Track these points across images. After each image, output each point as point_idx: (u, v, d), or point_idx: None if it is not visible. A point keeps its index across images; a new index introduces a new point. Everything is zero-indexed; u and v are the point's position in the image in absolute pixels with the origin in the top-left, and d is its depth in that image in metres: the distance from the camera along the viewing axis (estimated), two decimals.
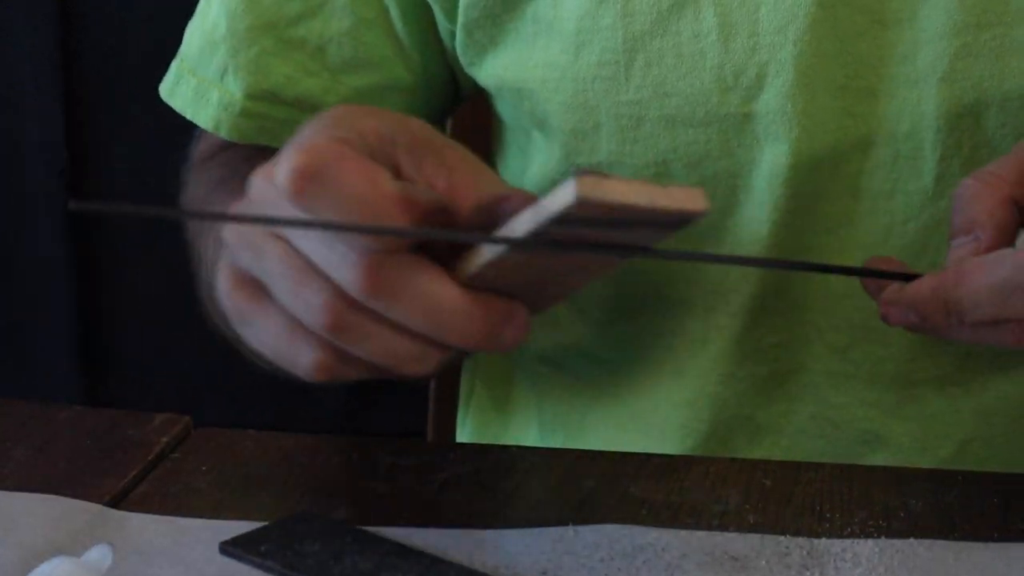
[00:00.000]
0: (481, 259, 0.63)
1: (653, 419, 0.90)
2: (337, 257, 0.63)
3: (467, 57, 0.89)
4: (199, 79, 0.92)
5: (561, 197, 0.58)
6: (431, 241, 0.64)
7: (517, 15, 0.86)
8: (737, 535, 0.71)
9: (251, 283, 0.67)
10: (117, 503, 0.75)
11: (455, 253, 0.64)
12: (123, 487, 0.76)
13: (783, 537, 0.71)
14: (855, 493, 0.75)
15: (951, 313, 0.68)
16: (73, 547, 0.70)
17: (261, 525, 0.71)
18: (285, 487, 0.77)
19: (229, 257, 0.67)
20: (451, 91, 0.94)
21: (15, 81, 1.95)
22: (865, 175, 0.83)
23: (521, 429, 0.98)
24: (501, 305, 0.63)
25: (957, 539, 0.71)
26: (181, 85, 0.93)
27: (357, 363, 0.66)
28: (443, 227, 0.64)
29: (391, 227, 0.62)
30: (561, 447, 0.89)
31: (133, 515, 0.73)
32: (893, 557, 0.69)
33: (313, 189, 0.62)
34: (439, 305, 0.63)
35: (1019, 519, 0.73)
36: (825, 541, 0.71)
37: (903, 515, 0.73)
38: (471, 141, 1.08)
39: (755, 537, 0.71)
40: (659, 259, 0.65)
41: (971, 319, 0.68)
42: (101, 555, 0.68)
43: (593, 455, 0.80)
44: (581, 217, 0.59)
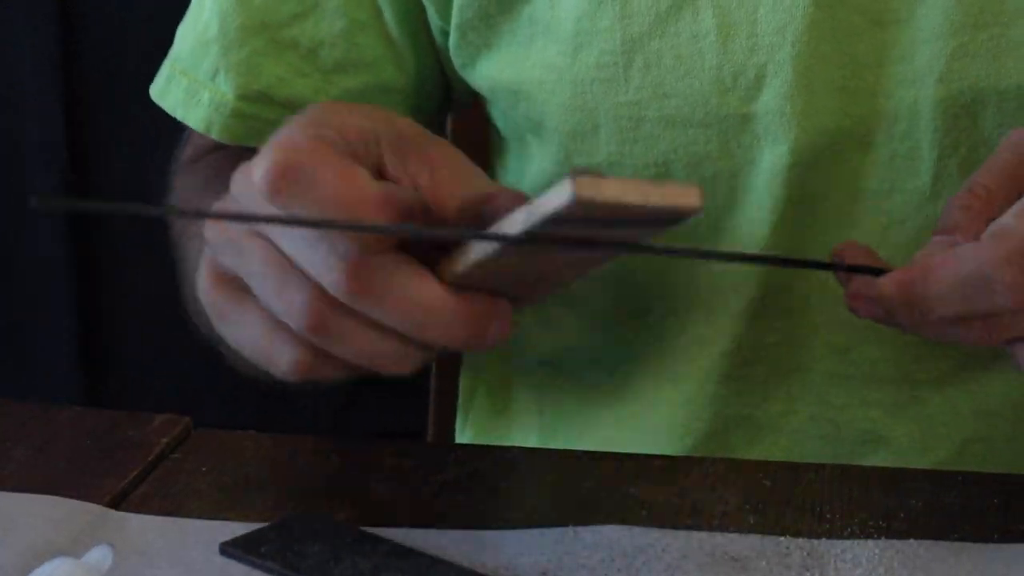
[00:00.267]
0: (468, 258, 0.63)
1: (653, 419, 0.90)
2: (319, 258, 0.63)
3: (460, 58, 0.89)
4: (190, 79, 0.91)
5: (557, 197, 0.58)
6: (415, 241, 0.64)
7: (512, 16, 0.86)
8: (737, 536, 0.71)
9: (231, 281, 0.67)
10: (117, 504, 0.75)
11: (439, 253, 0.64)
12: (123, 488, 0.76)
13: (783, 538, 0.71)
14: (855, 494, 0.75)
15: (916, 309, 0.68)
16: (73, 548, 0.69)
17: (261, 526, 0.71)
18: (285, 488, 0.77)
19: (210, 255, 0.67)
20: (444, 94, 0.94)
21: (15, 81, 1.95)
22: (863, 175, 0.83)
23: (522, 433, 0.98)
24: (485, 304, 0.63)
25: (957, 540, 0.71)
26: (172, 86, 0.93)
27: (338, 362, 0.65)
28: (429, 225, 0.63)
29: (379, 225, 0.62)
30: (561, 448, 0.89)
31: (133, 516, 0.73)
32: (893, 558, 0.69)
33: (290, 188, 0.62)
34: (422, 305, 0.63)
35: (1019, 520, 0.73)
36: (825, 542, 0.71)
37: (903, 516, 0.73)
38: (472, 144, 1.08)
39: (755, 538, 0.71)
40: (648, 255, 0.65)
41: (936, 316, 0.67)
42: (101, 556, 0.68)
43: (593, 456, 0.80)
44: (577, 217, 0.59)
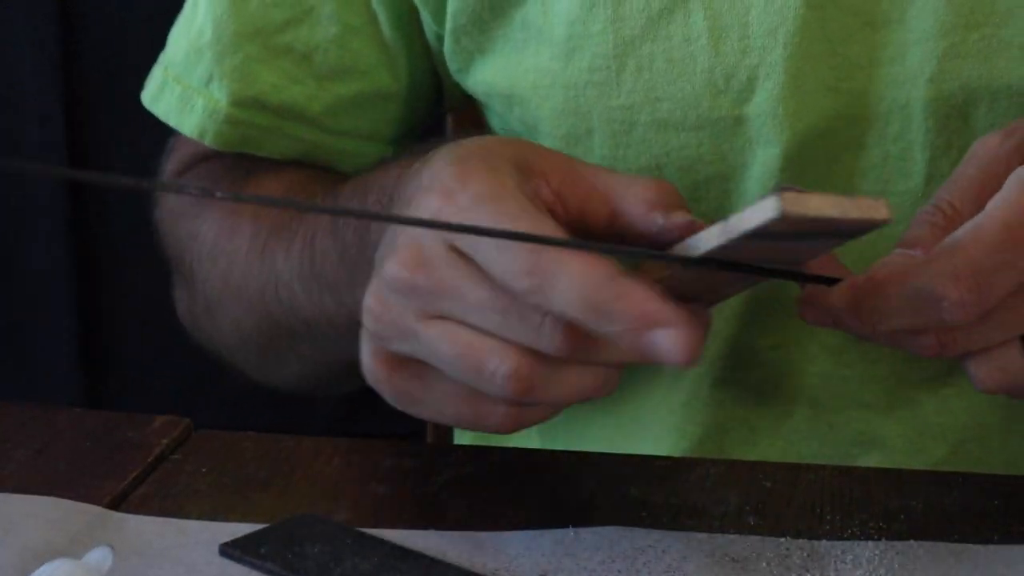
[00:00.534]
0: (655, 274, 0.65)
1: (648, 422, 0.90)
2: (524, 326, 0.63)
3: (455, 63, 0.89)
4: (184, 86, 0.91)
5: (762, 212, 0.60)
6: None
7: (505, 21, 0.86)
8: (737, 537, 0.71)
9: (408, 364, 0.67)
10: (117, 505, 0.75)
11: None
12: (123, 489, 0.76)
13: (783, 539, 0.71)
14: (855, 495, 0.75)
15: (865, 322, 0.67)
16: (73, 549, 0.69)
17: (261, 527, 0.71)
18: (285, 489, 0.77)
19: (373, 342, 0.67)
20: (437, 100, 0.94)
21: (15, 81, 1.95)
22: (856, 175, 0.83)
23: (521, 439, 0.98)
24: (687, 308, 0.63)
25: (957, 540, 0.71)
26: (165, 92, 0.92)
27: (547, 408, 0.67)
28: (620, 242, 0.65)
29: (556, 239, 0.63)
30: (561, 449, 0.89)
31: (133, 517, 0.73)
32: (893, 559, 0.69)
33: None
34: (643, 312, 0.62)
35: (1019, 520, 0.73)
36: (825, 543, 0.71)
37: (903, 517, 0.73)
38: None
39: (755, 539, 0.71)
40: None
41: (885, 328, 0.67)
42: (101, 557, 0.68)
43: (593, 457, 0.80)
44: (776, 231, 0.60)
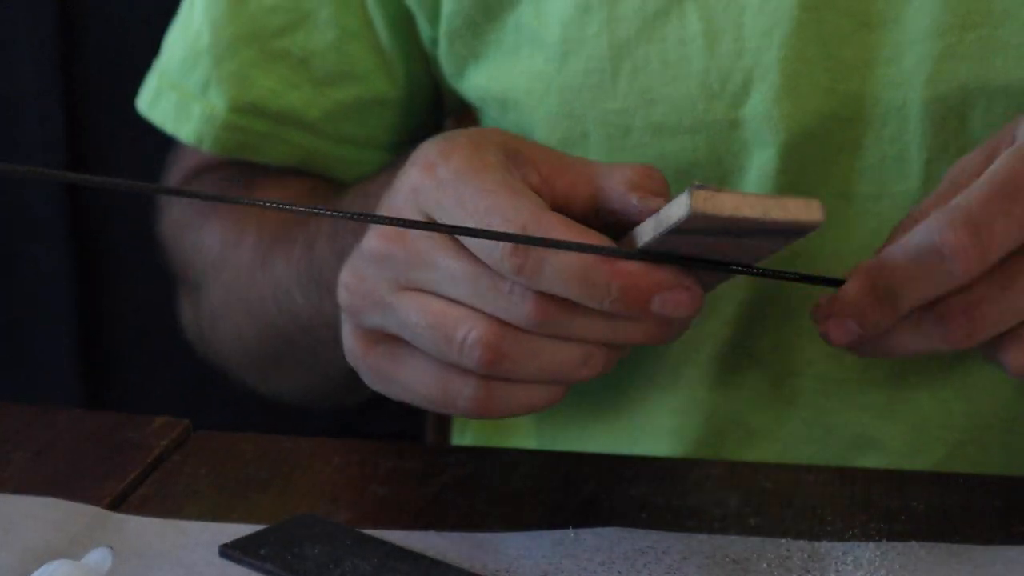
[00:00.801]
0: None
1: (646, 425, 0.90)
2: (494, 294, 0.63)
3: (450, 68, 0.88)
4: (180, 92, 0.91)
5: (676, 209, 0.61)
6: None
7: (498, 25, 0.85)
8: (738, 538, 0.71)
9: (384, 340, 0.67)
10: (117, 506, 0.75)
11: None
12: (123, 490, 0.76)
13: (784, 540, 0.71)
14: (856, 496, 0.75)
15: (884, 299, 0.65)
16: (73, 550, 0.69)
17: (261, 528, 0.71)
18: (285, 490, 0.77)
19: (352, 320, 0.67)
20: (435, 106, 0.94)
21: (15, 81, 1.95)
22: (853, 178, 0.83)
23: (520, 441, 0.97)
24: (665, 271, 0.65)
25: (958, 542, 0.71)
26: (161, 99, 0.92)
27: (520, 389, 0.67)
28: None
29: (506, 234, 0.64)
30: (561, 450, 0.89)
31: (133, 518, 0.73)
32: (894, 560, 0.69)
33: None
34: (596, 263, 0.64)
35: (1020, 521, 0.73)
36: (826, 544, 0.71)
37: (904, 518, 0.73)
38: None
39: (756, 540, 0.71)
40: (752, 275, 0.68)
41: (905, 304, 0.65)
42: (101, 558, 0.68)
43: (593, 458, 0.80)
44: (697, 228, 0.62)
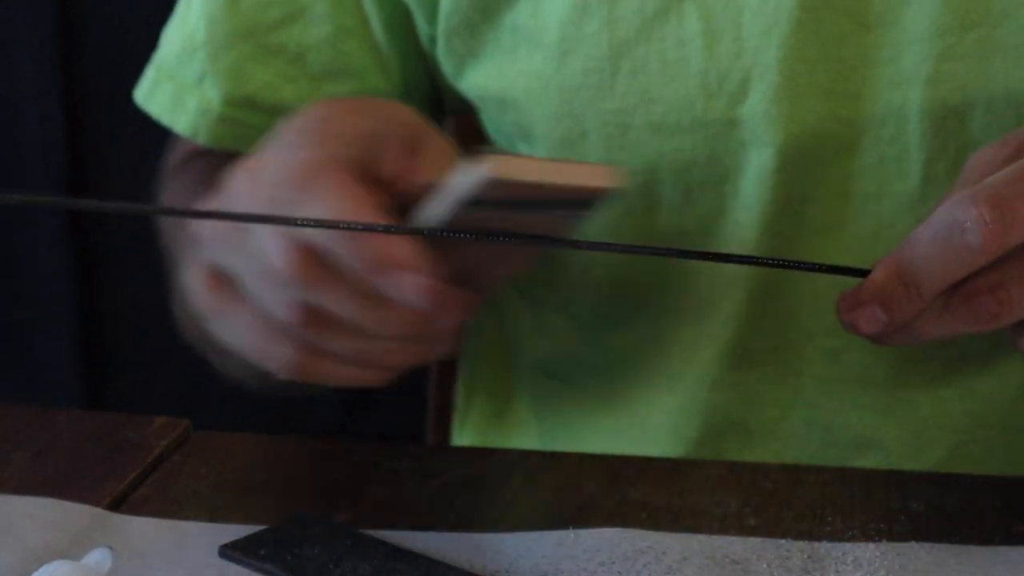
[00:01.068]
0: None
1: (646, 425, 0.90)
2: (274, 248, 0.63)
3: (448, 66, 0.88)
4: (177, 84, 0.91)
5: (471, 177, 0.58)
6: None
7: (495, 25, 0.85)
8: (738, 539, 0.71)
9: (226, 280, 0.67)
10: (117, 506, 0.75)
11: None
12: (123, 490, 0.76)
13: (784, 540, 0.71)
14: (856, 496, 0.75)
15: (909, 284, 0.65)
16: (73, 550, 0.69)
17: (261, 528, 0.71)
18: (284, 490, 0.77)
19: (204, 254, 0.67)
20: (431, 102, 0.94)
21: (15, 81, 1.95)
22: (852, 178, 0.83)
23: (521, 441, 0.98)
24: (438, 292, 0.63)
25: (958, 542, 0.71)
26: (158, 91, 0.92)
27: (330, 363, 0.66)
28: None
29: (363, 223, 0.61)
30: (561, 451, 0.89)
31: (133, 518, 0.73)
32: (894, 560, 0.69)
33: (306, 193, 0.63)
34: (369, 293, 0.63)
35: (1020, 522, 0.73)
36: (826, 544, 0.71)
37: (904, 518, 0.73)
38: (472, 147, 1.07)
39: (756, 541, 0.71)
40: (571, 248, 0.66)
41: (928, 285, 0.65)
42: (101, 558, 0.68)
43: (593, 459, 0.80)
44: (493, 198, 0.58)
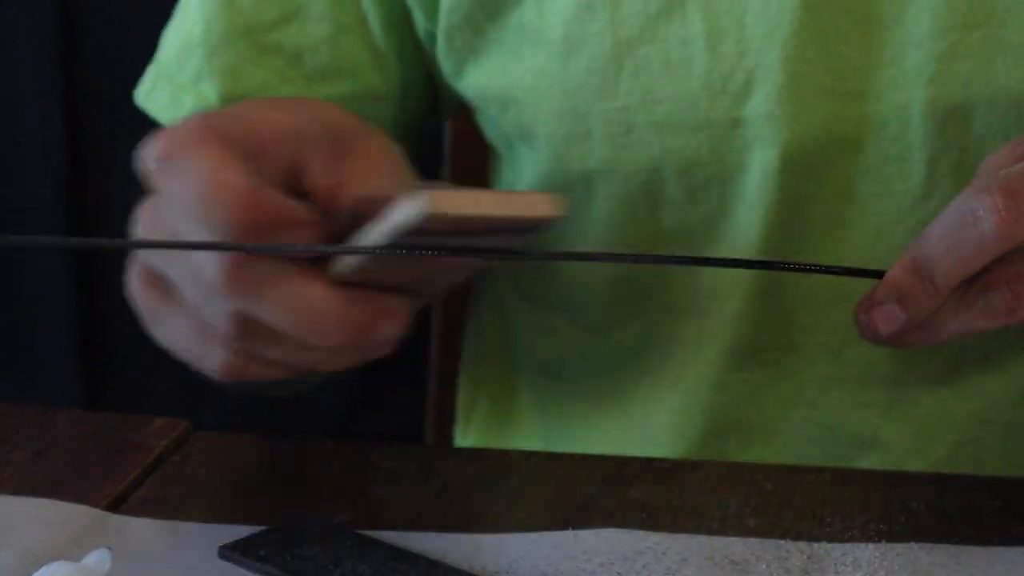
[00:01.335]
0: (344, 262, 0.62)
1: (648, 424, 0.90)
2: (207, 259, 0.62)
3: (448, 65, 0.88)
4: (174, 84, 0.91)
5: (409, 211, 0.58)
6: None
7: (499, 23, 0.85)
8: (737, 539, 0.71)
9: (161, 283, 0.67)
10: (116, 507, 0.75)
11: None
12: (122, 490, 0.76)
13: (783, 541, 0.71)
14: (855, 497, 0.75)
15: (924, 276, 0.66)
16: (72, 551, 0.69)
17: (260, 529, 0.71)
18: (284, 491, 0.77)
19: (141, 256, 0.67)
20: (429, 102, 0.94)
21: (15, 81, 1.95)
22: (855, 177, 0.83)
23: (525, 441, 0.98)
24: (370, 301, 0.62)
25: (958, 543, 0.71)
26: (156, 90, 0.92)
27: (271, 368, 0.66)
28: (313, 227, 0.63)
29: (290, 247, 0.61)
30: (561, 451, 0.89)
31: (132, 519, 0.73)
32: (894, 561, 0.69)
33: (168, 172, 0.63)
34: (305, 304, 0.62)
35: (1020, 522, 0.73)
36: (825, 545, 0.71)
37: (904, 519, 0.73)
38: (472, 150, 1.08)
39: (755, 541, 0.71)
40: (529, 260, 0.66)
41: (943, 273, 0.65)
42: (100, 559, 0.68)
43: (592, 459, 0.80)
44: (431, 229, 0.58)
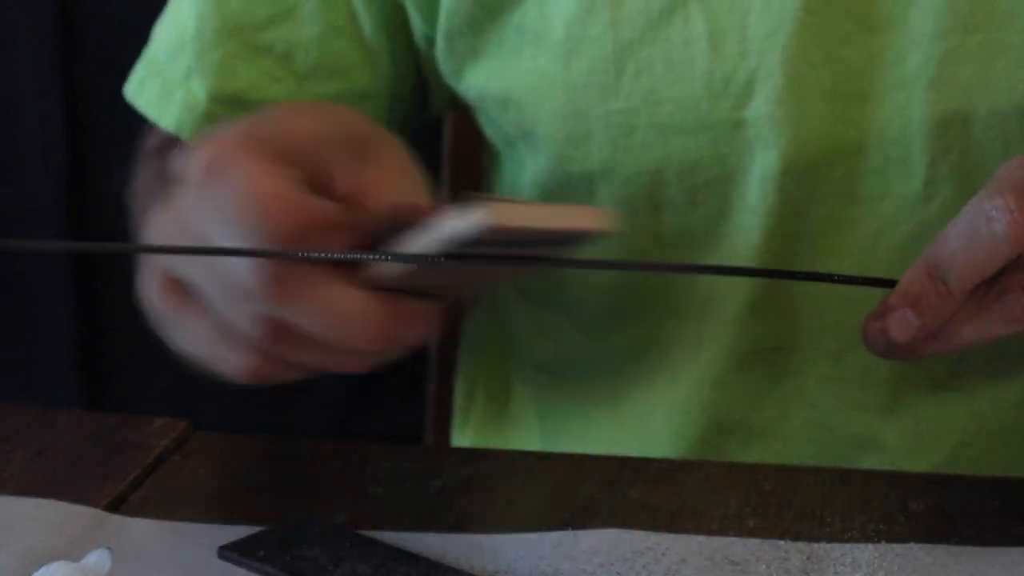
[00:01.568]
0: (381, 270, 0.63)
1: (647, 425, 0.90)
2: (242, 265, 0.63)
3: (448, 66, 0.88)
4: (165, 79, 0.91)
5: (469, 223, 0.59)
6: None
7: (500, 25, 0.85)
8: (737, 540, 0.71)
9: (180, 286, 0.67)
10: (116, 507, 0.75)
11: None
12: (122, 491, 0.76)
13: (783, 541, 0.71)
14: (855, 497, 0.75)
15: (936, 278, 0.65)
16: (72, 551, 0.69)
17: (260, 529, 0.71)
18: (284, 491, 0.77)
19: (158, 260, 0.67)
20: (420, 102, 0.94)
21: (15, 81, 1.95)
22: (856, 179, 0.83)
23: (522, 441, 0.98)
24: (403, 307, 0.63)
25: (957, 543, 0.71)
26: (147, 85, 0.92)
27: (293, 370, 0.66)
28: (350, 231, 0.64)
29: (340, 252, 0.62)
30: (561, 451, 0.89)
31: (132, 519, 0.73)
32: (893, 561, 0.69)
33: (212, 180, 0.63)
34: (342, 310, 0.62)
35: (1020, 523, 0.73)
36: (825, 545, 0.71)
37: (903, 519, 0.73)
38: (471, 149, 1.08)
39: (755, 542, 0.71)
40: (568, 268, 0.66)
41: (956, 276, 0.65)
42: (100, 559, 0.68)
43: (592, 459, 0.80)
44: (488, 241, 0.59)
